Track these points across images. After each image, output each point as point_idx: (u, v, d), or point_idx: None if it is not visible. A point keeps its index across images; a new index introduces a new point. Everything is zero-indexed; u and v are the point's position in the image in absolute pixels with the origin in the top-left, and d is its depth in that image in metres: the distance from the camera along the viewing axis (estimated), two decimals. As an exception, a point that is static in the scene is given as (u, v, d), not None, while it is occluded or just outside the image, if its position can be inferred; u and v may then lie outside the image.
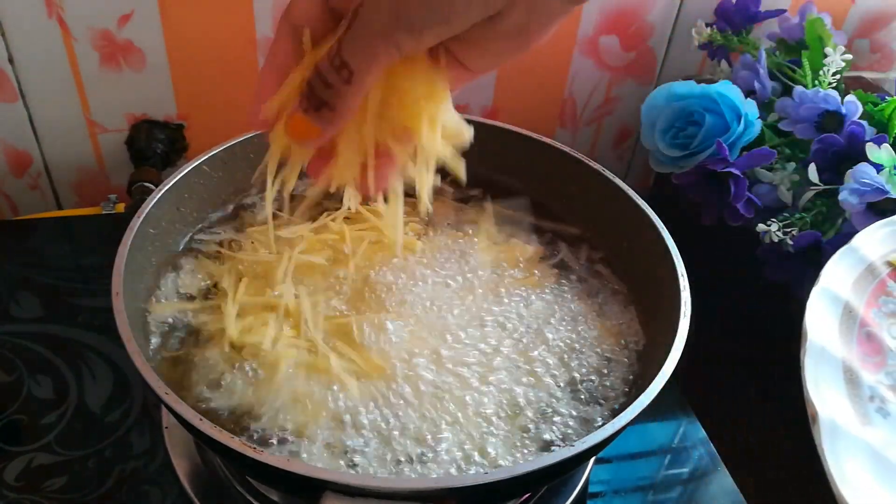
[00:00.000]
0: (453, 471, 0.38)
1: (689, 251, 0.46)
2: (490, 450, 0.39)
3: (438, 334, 0.44)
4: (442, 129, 0.34)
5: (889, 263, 0.38)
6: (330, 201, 0.54)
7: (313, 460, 0.38)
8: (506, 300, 0.48)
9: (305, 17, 0.32)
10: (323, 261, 0.48)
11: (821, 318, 0.34)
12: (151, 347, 0.43)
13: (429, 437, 0.39)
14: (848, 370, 0.33)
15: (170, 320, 0.45)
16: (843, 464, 0.30)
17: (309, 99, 0.31)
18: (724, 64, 0.71)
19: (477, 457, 0.39)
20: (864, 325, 0.35)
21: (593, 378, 0.44)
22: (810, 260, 0.57)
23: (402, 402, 0.41)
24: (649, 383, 0.38)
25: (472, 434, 0.40)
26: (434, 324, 0.45)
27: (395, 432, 0.39)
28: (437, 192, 0.56)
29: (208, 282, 0.48)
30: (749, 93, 0.65)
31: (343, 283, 0.47)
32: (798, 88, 0.62)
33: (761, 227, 0.58)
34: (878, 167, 0.55)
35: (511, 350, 0.44)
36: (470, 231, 0.53)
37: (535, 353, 0.45)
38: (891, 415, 0.32)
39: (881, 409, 0.33)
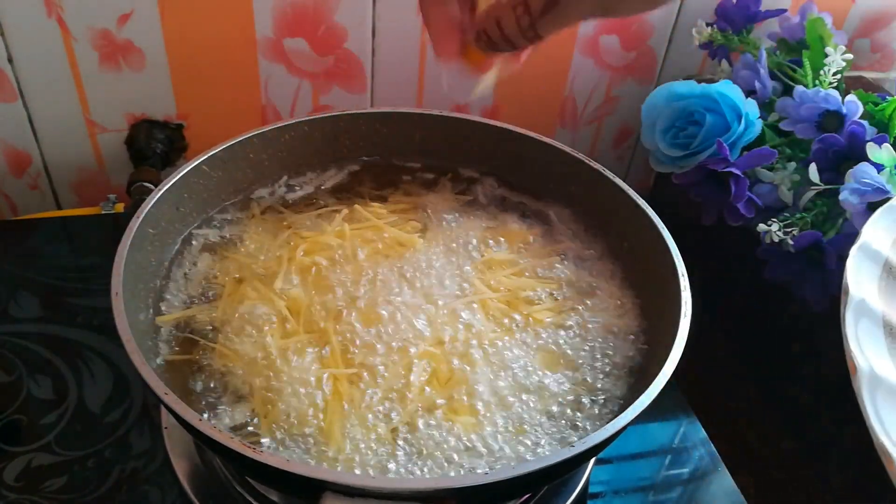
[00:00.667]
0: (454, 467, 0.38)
1: (689, 251, 0.46)
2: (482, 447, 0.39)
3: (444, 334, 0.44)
4: None
5: None
6: (331, 201, 0.55)
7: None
8: (504, 300, 0.48)
9: None
10: (324, 261, 0.48)
11: (860, 273, 0.34)
12: (151, 347, 0.43)
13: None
14: (888, 325, 0.33)
15: (170, 319, 0.45)
16: (882, 415, 0.30)
17: (489, 45, 0.35)
18: (724, 63, 0.71)
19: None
20: None
21: (593, 379, 0.44)
22: (811, 260, 0.57)
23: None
24: (649, 383, 0.37)
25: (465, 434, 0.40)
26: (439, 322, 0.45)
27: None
28: (438, 191, 0.56)
29: (208, 282, 0.48)
30: (750, 92, 0.65)
31: (344, 283, 0.47)
32: (799, 88, 0.62)
33: (762, 227, 0.58)
34: (879, 167, 0.55)
35: (511, 349, 0.44)
36: (470, 228, 0.53)
37: (534, 351, 0.45)
38: None
39: None
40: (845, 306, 0.34)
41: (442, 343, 0.44)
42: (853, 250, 0.36)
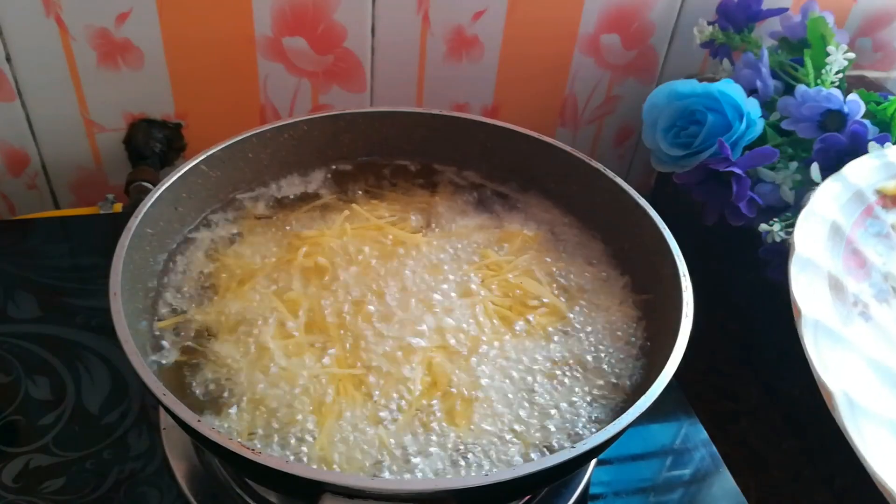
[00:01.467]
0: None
1: (690, 251, 0.45)
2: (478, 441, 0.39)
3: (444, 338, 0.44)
4: None
5: (878, 191, 0.39)
6: (331, 201, 0.54)
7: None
8: (505, 301, 0.47)
9: None
10: (324, 261, 0.48)
11: (808, 234, 0.35)
12: (149, 348, 0.43)
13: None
14: (833, 279, 0.34)
15: (168, 319, 0.45)
16: (824, 357, 0.31)
17: None
18: (725, 62, 0.71)
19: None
20: (850, 242, 0.36)
21: (594, 379, 0.44)
22: (812, 260, 0.56)
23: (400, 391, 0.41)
24: (651, 384, 0.37)
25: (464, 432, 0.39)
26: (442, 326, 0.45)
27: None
28: (438, 191, 0.56)
29: (207, 282, 0.47)
30: (751, 91, 0.65)
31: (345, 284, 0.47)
32: (800, 87, 0.62)
33: (763, 226, 0.57)
34: (881, 166, 0.55)
35: (511, 350, 0.44)
36: (471, 228, 0.52)
37: (535, 352, 0.44)
38: (873, 318, 0.33)
39: (864, 313, 0.34)
40: (791, 262, 0.34)
41: (442, 345, 0.44)
42: (801, 214, 0.37)
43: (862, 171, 0.40)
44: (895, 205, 0.39)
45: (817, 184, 0.57)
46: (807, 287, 0.34)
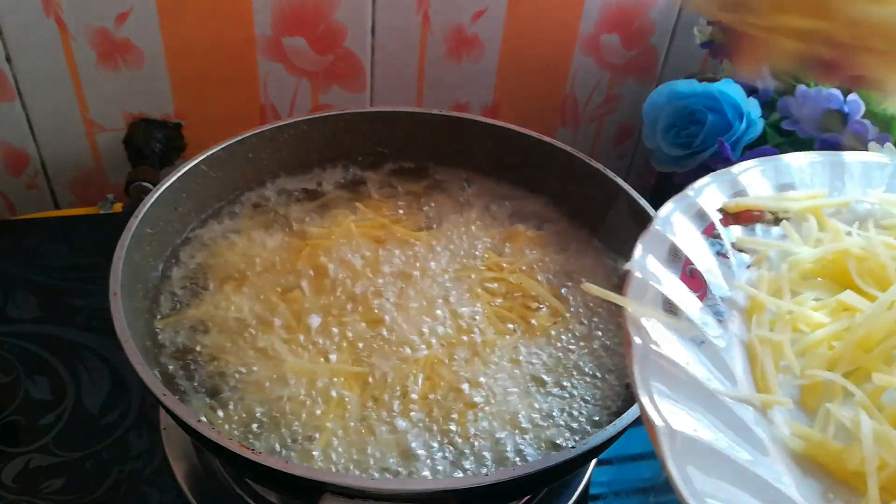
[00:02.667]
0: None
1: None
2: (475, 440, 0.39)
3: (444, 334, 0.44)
4: None
5: (720, 210, 0.39)
6: (331, 200, 0.54)
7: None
8: (506, 302, 0.47)
9: None
10: (325, 261, 0.48)
11: (645, 258, 0.35)
12: (149, 348, 0.43)
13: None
14: (667, 302, 0.34)
15: (168, 319, 0.45)
16: (652, 385, 0.30)
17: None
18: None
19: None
20: (688, 264, 0.36)
21: (594, 379, 0.44)
22: (813, 260, 0.56)
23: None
24: (651, 384, 0.37)
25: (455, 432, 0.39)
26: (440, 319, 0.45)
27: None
28: (438, 191, 0.56)
29: (207, 282, 0.47)
30: (751, 91, 0.65)
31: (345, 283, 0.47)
32: (800, 87, 0.62)
33: (763, 226, 0.57)
34: (881, 166, 0.55)
35: (511, 350, 0.44)
36: (471, 228, 0.52)
37: (535, 353, 0.44)
38: (707, 341, 0.33)
39: (695, 338, 0.34)
40: (628, 288, 0.34)
41: (443, 345, 0.44)
42: (642, 235, 0.36)
43: (703, 191, 0.40)
44: (737, 222, 0.40)
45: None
46: (641, 311, 0.33)
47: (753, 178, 0.42)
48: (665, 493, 0.50)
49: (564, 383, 0.43)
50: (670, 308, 0.33)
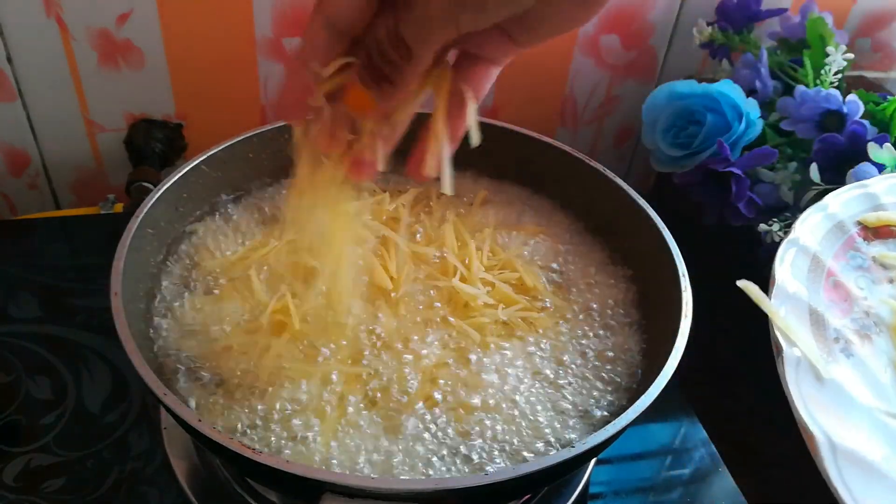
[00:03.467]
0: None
1: (690, 251, 0.45)
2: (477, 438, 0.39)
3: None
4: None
5: (859, 223, 0.39)
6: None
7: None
8: (506, 300, 0.47)
9: (344, 8, 0.31)
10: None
11: (789, 266, 0.35)
12: (150, 347, 0.43)
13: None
14: (814, 313, 0.34)
15: (168, 320, 0.45)
16: (806, 395, 0.30)
17: (369, 73, 0.31)
18: (725, 63, 0.71)
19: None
20: (831, 275, 0.36)
21: (593, 379, 0.44)
22: (812, 260, 0.56)
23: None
24: (650, 384, 0.37)
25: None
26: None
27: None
28: (437, 191, 0.56)
29: (207, 282, 0.48)
30: (750, 92, 0.65)
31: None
32: (799, 88, 0.62)
33: (763, 227, 0.57)
34: (880, 167, 0.55)
35: (510, 350, 0.44)
36: (470, 229, 0.52)
37: (535, 352, 0.44)
38: (854, 356, 0.33)
39: (845, 349, 0.34)
40: (772, 294, 0.34)
41: (443, 345, 0.44)
42: (782, 244, 0.36)
43: (843, 202, 0.40)
44: (876, 237, 0.39)
45: (816, 184, 0.57)
46: (788, 321, 0.34)
47: (893, 192, 0.41)
48: (664, 492, 0.50)
49: (564, 381, 0.43)
50: (816, 319, 0.33)
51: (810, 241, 0.36)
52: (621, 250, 0.51)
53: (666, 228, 0.47)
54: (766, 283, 0.59)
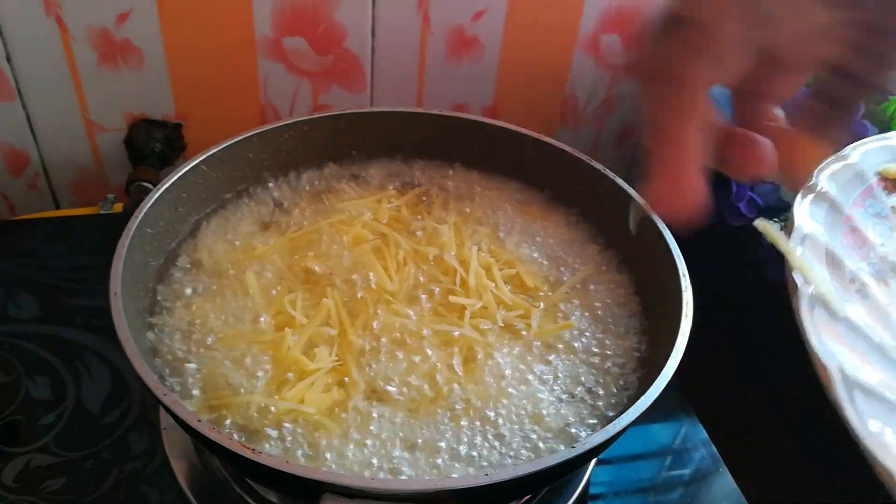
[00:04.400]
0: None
1: (690, 251, 0.45)
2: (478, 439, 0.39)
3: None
4: None
5: (879, 174, 0.39)
6: (331, 201, 0.54)
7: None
8: (505, 301, 0.47)
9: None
10: (327, 261, 0.48)
11: (807, 210, 0.35)
12: (150, 347, 0.43)
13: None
14: (830, 255, 0.34)
15: (168, 320, 0.45)
16: (820, 330, 0.30)
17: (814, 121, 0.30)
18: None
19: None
20: (849, 220, 0.36)
21: (593, 379, 0.44)
22: (812, 260, 0.56)
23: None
24: (650, 384, 0.37)
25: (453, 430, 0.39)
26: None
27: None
28: (438, 192, 0.56)
29: (208, 281, 0.47)
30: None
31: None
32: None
33: (763, 226, 0.57)
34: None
35: (510, 349, 0.44)
36: (470, 229, 0.52)
37: (534, 352, 0.44)
38: (870, 297, 0.33)
39: (861, 290, 0.34)
40: (792, 237, 0.34)
41: (443, 344, 0.44)
42: (802, 191, 0.36)
43: (863, 153, 0.40)
44: None
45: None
46: (805, 262, 0.34)
47: None
48: (665, 492, 0.50)
49: (564, 381, 0.43)
50: (833, 261, 0.33)
51: (829, 188, 0.36)
52: (621, 250, 0.51)
53: (666, 228, 0.47)
54: (766, 283, 0.59)
